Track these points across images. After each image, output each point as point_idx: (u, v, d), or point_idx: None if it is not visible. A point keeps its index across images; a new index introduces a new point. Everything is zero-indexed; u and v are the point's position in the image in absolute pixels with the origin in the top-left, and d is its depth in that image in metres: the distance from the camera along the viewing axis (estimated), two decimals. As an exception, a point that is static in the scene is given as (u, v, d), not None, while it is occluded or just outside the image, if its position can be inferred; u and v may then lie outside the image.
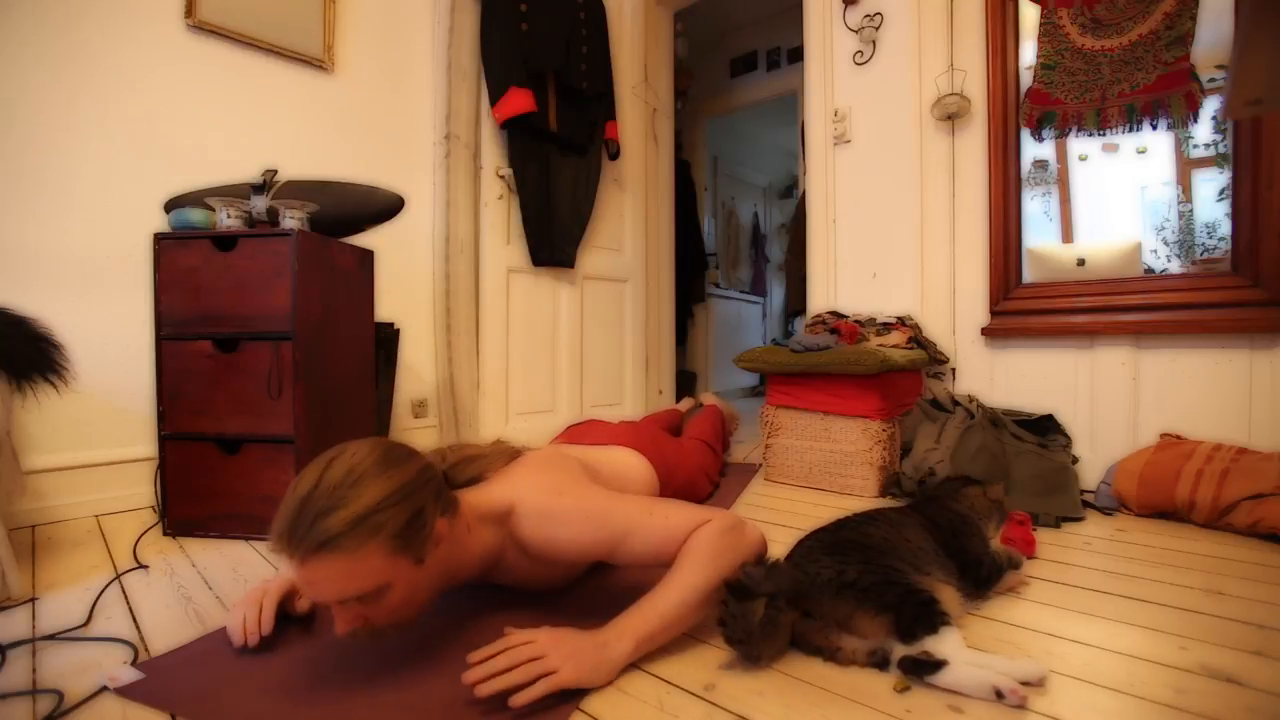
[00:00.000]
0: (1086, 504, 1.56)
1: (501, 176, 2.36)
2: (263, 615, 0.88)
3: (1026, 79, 1.87)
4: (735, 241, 5.54)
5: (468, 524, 0.88)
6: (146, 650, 0.88)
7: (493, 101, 2.28)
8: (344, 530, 0.70)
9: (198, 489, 1.40)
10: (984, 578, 1.01)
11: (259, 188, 1.48)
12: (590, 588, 1.07)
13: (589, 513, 0.90)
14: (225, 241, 1.39)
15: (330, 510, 0.70)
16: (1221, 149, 1.65)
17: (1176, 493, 1.43)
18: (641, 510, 0.90)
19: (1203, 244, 1.71)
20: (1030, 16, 1.86)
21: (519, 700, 0.69)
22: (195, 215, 1.42)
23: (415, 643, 0.88)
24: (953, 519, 1.06)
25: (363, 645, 0.85)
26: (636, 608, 0.82)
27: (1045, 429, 1.70)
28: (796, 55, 3.79)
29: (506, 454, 1.04)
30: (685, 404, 2.31)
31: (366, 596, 0.74)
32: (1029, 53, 1.87)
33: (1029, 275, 1.91)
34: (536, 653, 0.74)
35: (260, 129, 1.95)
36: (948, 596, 0.86)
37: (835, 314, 2.10)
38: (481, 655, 0.74)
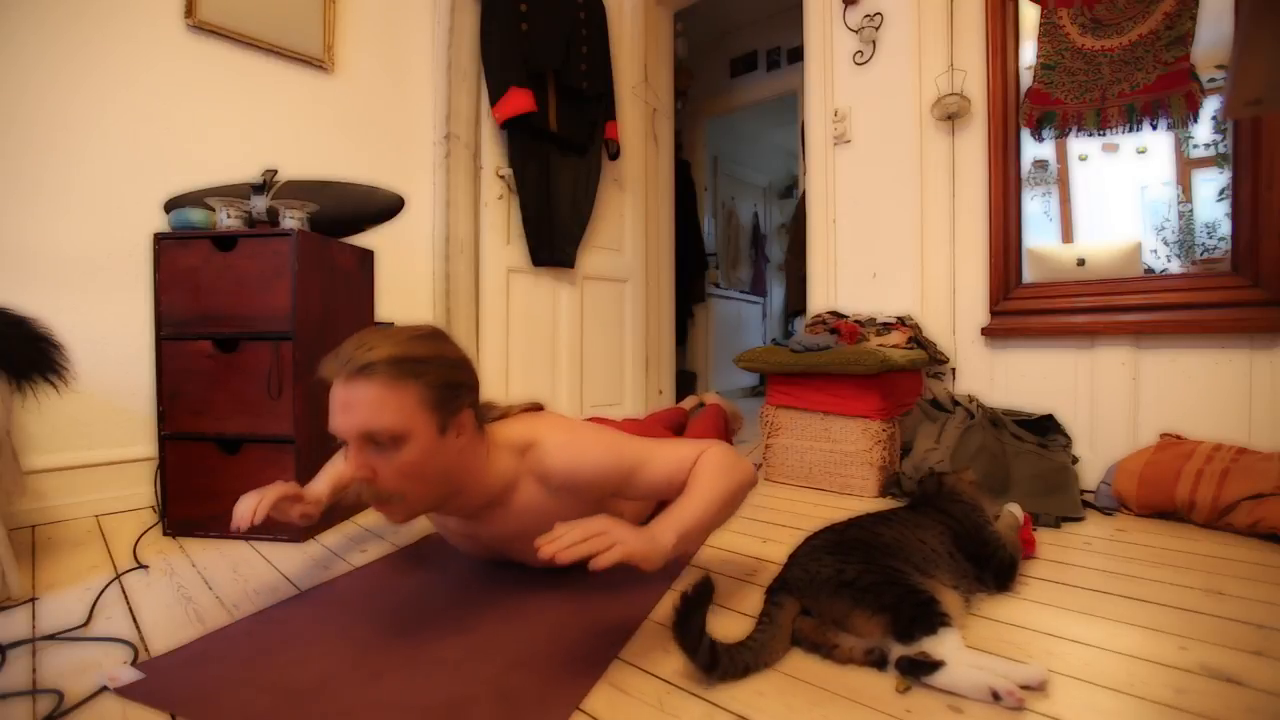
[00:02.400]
0: (1086, 504, 1.56)
1: (501, 176, 2.36)
2: (260, 505, 0.93)
3: (1026, 79, 1.87)
4: (735, 241, 5.54)
5: (487, 447, 0.95)
6: (146, 650, 0.88)
7: (493, 101, 2.28)
8: (390, 362, 0.80)
9: (198, 489, 1.40)
10: (1006, 566, 1.03)
11: (259, 188, 1.48)
12: (589, 579, 1.07)
13: (607, 443, 0.99)
14: (225, 241, 1.39)
15: (384, 345, 0.81)
16: (1221, 149, 1.65)
17: (1176, 493, 1.43)
18: (652, 444, 1.02)
19: (1203, 244, 1.70)
20: (1030, 16, 1.86)
21: (599, 563, 0.73)
22: (195, 215, 1.42)
23: (415, 640, 0.88)
24: (968, 512, 1.06)
25: (364, 501, 0.91)
26: (671, 510, 0.89)
27: (1045, 429, 1.70)
28: (796, 55, 3.78)
29: (529, 405, 1.12)
30: (689, 402, 2.31)
31: (384, 440, 0.81)
32: (1029, 53, 1.87)
33: (1029, 275, 1.91)
34: (603, 528, 0.77)
35: (260, 129, 1.95)
36: (950, 600, 0.86)
37: (835, 314, 2.10)
38: (551, 535, 0.76)
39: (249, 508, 0.92)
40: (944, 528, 1.02)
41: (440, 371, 0.84)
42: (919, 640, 0.75)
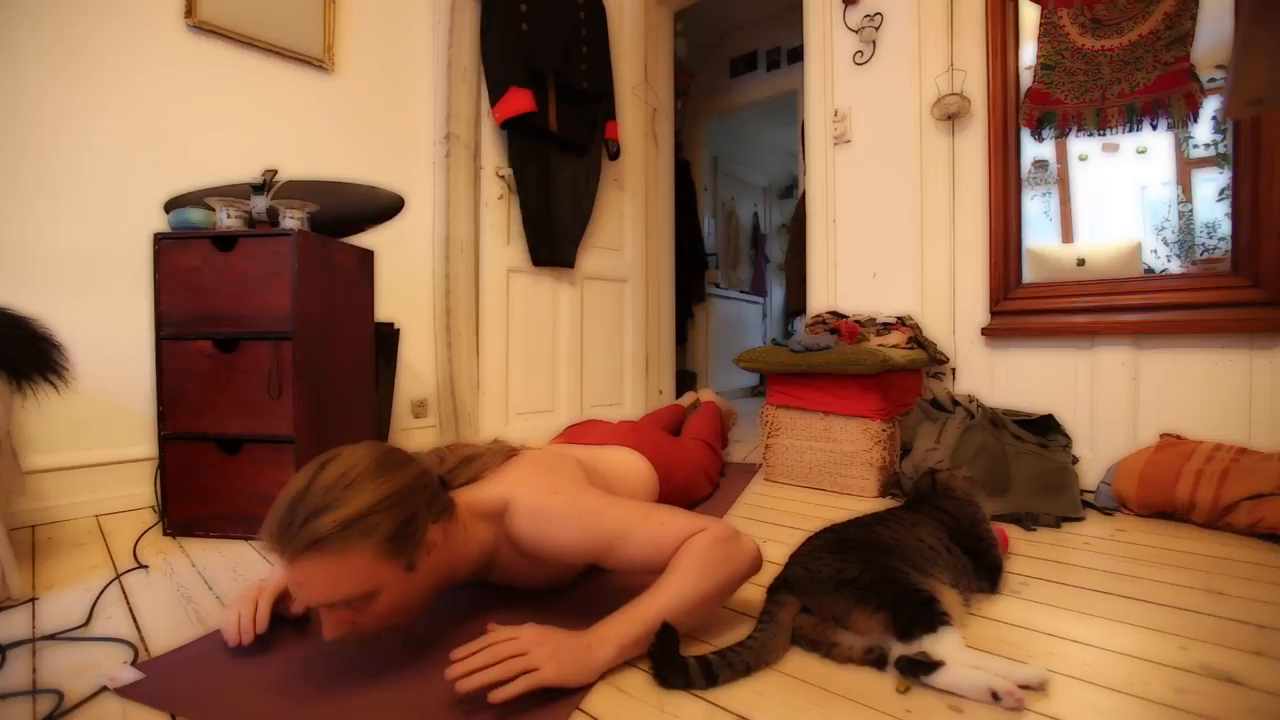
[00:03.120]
0: (1086, 504, 1.56)
1: (501, 176, 2.36)
2: (258, 614, 0.88)
3: (1026, 79, 1.87)
4: (735, 241, 5.54)
5: (465, 525, 0.88)
6: (146, 650, 0.88)
7: (493, 101, 2.28)
8: (334, 531, 0.70)
9: (198, 489, 1.40)
10: (997, 567, 1.05)
11: (259, 188, 1.48)
12: (585, 589, 1.07)
13: (583, 513, 0.89)
14: (225, 241, 1.39)
15: (322, 511, 0.70)
16: (1221, 149, 1.65)
17: (1176, 493, 1.43)
18: (637, 514, 0.90)
19: (1203, 244, 1.71)
20: (1030, 16, 1.86)
21: (498, 696, 0.68)
22: (195, 215, 1.42)
23: (414, 642, 0.88)
24: (963, 508, 1.07)
25: (352, 649, 0.84)
26: (623, 612, 0.81)
27: (1045, 429, 1.70)
28: (796, 55, 3.78)
29: (504, 452, 1.04)
30: (687, 399, 2.31)
31: (354, 601, 0.73)
32: (1029, 53, 1.87)
33: (1029, 275, 1.91)
34: (519, 649, 0.73)
35: (260, 129, 1.95)
36: (949, 598, 0.86)
37: (835, 314, 2.10)
38: (465, 651, 0.73)
39: (248, 617, 0.87)
40: (940, 525, 1.03)
41: (391, 516, 0.74)
42: (919, 638, 0.75)
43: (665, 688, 0.75)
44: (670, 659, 0.75)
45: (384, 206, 1.71)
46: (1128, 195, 1.83)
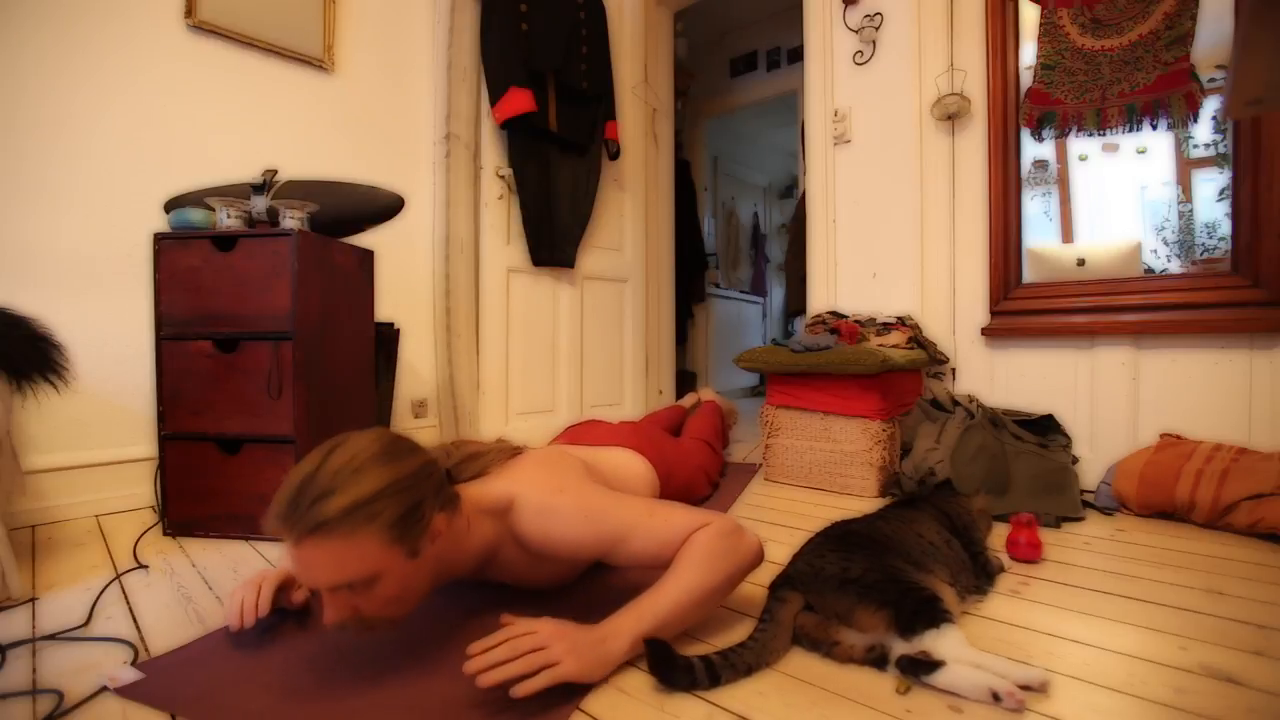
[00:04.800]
0: (1086, 504, 1.56)
1: (501, 176, 2.36)
2: (260, 598, 0.89)
3: (1026, 79, 1.87)
4: (735, 241, 5.54)
5: (468, 519, 0.88)
6: (146, 650, 0.88)
7: (493, 101, 2.27)
8: (340, 514, 0.70)
9: (198, 489, 1.40)
10: (990, 572, 1.06)
11: (259, 188, 1.48)
12: (589, 586, 1.07)
13: (588, 511, 0.90)
14: (225, 241, 1.39)
15: (328, 494, 0.71)
16: (1221, 149, 1.65)
17: (1176, 493, 1.43)
18: (641, 511, 0.91)
19: (1203, 244, 1.71)
20: (1030, 16, 1.86)
21: (521, 690, 0.69)
22: (195, 215, 1.42)
23: (415, 641, 0.88)
24: (962, 513, 1.09)
25: (352, 637, 0.84)
26: (633, 606, 0.82)
27: (1045, 429, 1.70)
28: (796, 55, 3.78)
29: (508, 451, 1.04)
30: (689, 400, 2.31)
31: (357, 585, 0.74)
32: (1029, 53, 1.87)
33: (1029, 275, 1.91)
34: (539, 643, 0.73)
35: (260, 129, 1.95)
36: (947, 597, 0.87)
37: (835, 314, 2.10)
38: (483, 645, 0.73)
39: (250, 604, 0.88)
40: (939, 523, 1.04)
41: (396, 502, 0.74)
42: (921, 634, 0.75)
43: (670, 689, 0.75)
44: (672, 662, 0.75)
45: (384, 206, 1.71)
46: (1128, 195, 1.83)
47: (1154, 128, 1.67)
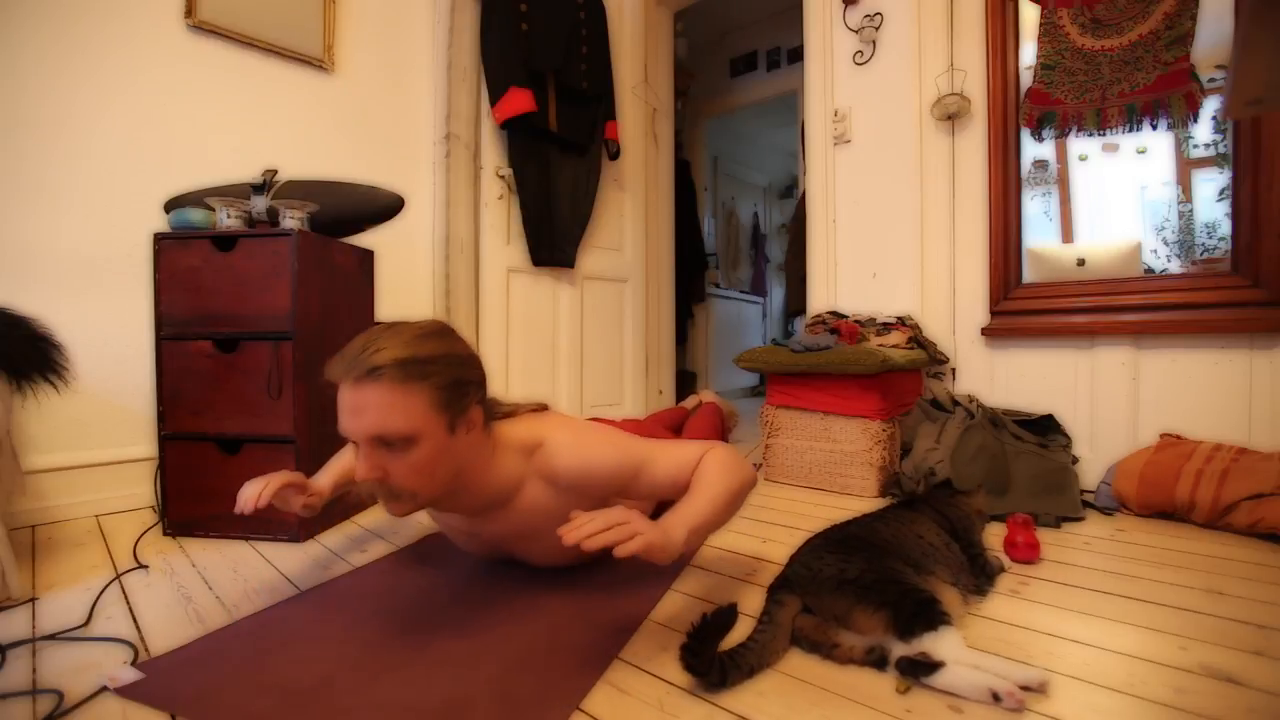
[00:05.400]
0: (1086, 504, 1.56)
1: (501, 176, 2.36)
2: (265, 490, 0.95)
3: (1026, 79, 1.87)
4: (735, 241, 5.54)
5: (494, 445, 0.95)
6: (146, 650, 0.88)
7: (492, 101, 2.28)
8: (398, 364, 0.79)
9: (198, 489, 1.40)
10: (990, 573, 1.06)
11: (259, 188, 1.48)
12: (592, 584, 1.07)
13: (613, 443, 1.01)
14: (225, 241, 1.39)
15: (391, 346, 0.80)
16: (1221, 149, 1.65)
17: (1176, 493, 1.43)
18: (656, 443, 1.05)
19: (1203, 244, 1.71)
20: (1030, 16, 1.86)
21: (623, 551, 0.73)
22: (195, 215, 1.42)
23: (415, 641, 0.88)
24: (960, 515, 1.09)
25: (376, 495, 0.89)
26: (679, 508, 0.90)
27: (1045, 429, 1.70)
28: (796, 55, 3.78)
29: (535, 405, 1.12)
30: (690, 401, 2.31)
31: (395, 442, 0.81)
32: (1029, 53, 1.87)
33: (1029, 275, 1.91)
34: (624, 517, 0.78)
35: (260, 129, 1.95)
36: (950, 598, 0.87)
37: (835, 314, 2.10)
38: (575, 523, 0.76)
39: (254, 492, 0.94)
40: (938, 525, 1.04)
41: (448, 370, 0.84)
42: (920, 636, 0.75)
43: (691, 672, 0.74)
44: (713, 642, 0.75)
45: (384, 206, 1.71)
46: (1128, 195, 1.83)
47: (1154, 128, 1.67)
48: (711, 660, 0.74)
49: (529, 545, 1.06)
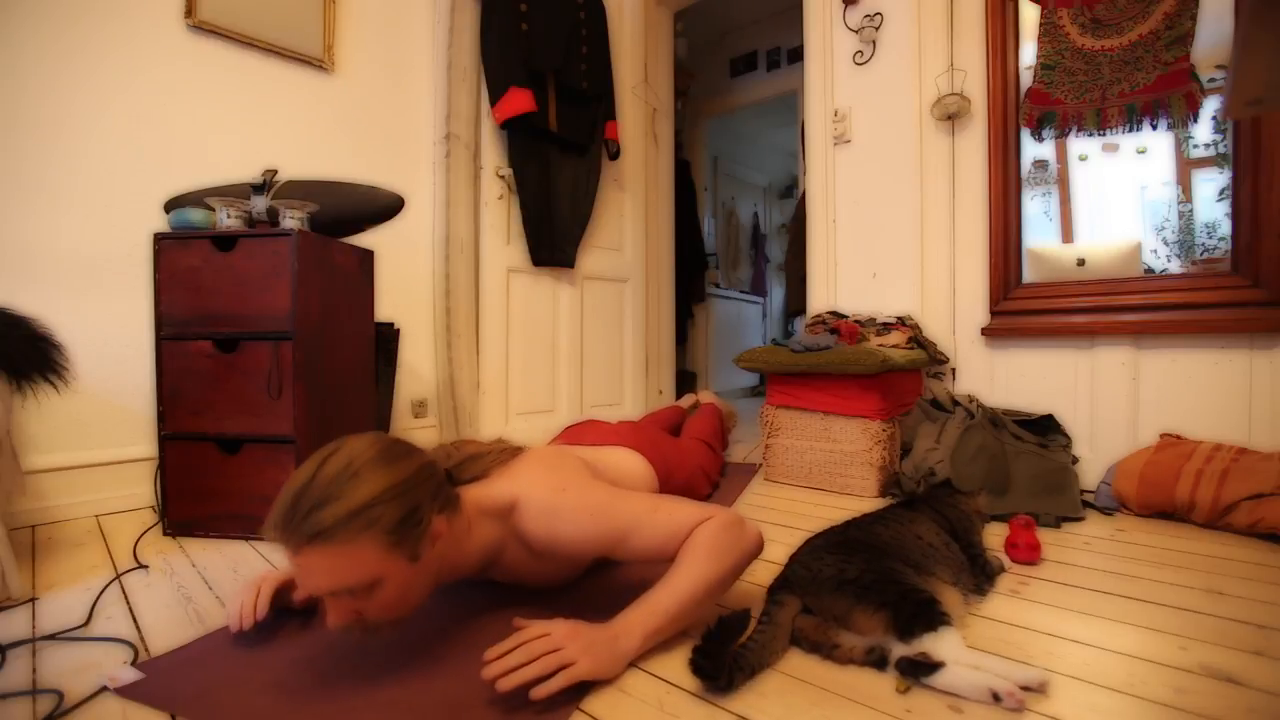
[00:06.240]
0: (1086, 504, 1.56)
1: (501, 176, 2.36)
2: (259, 600, 0.90)
3: (1026, 79, 1.87)
4: (735, 241, 5.54)
5: (469, 520, 0.88)
6: (146, 650, 0.88)
7: (492, 101, 2.27)
8: (338, 522, 0.70)
9: (198, 489, 1.40)
10: (990, 573, 1.06)
11: (259, 188, 1.48)
12: (593, 584, 1.07)
13: (592, 509, 0.90)
14: (225, 241, 1.39)
15: (326, 502, 0.70)
16: (1221, 149, 1.65)
17: (1176, 493, 1.43)
18: (644, 507, 0.91)
19: (1203, 244, 1.70)
20: (1030, 16, 1.86)
21: (540, 693, 0.69)
22: (195, 215, 1.42)
23: (416, 641, 0.88)
24: (960, 515, 1.08)
25: (355, 640, 0.85)
26: (642, 603, 0.83)
27: (1045, 429, 1.70)
28: (796, 55, 3.78)
29: (509, 451, 1.04)
30: (687, 400, 2.31)
31: (358, 590, 0.74)
32: (1029, 53, 1.87)
33: (1029, 275, 1.91)
34: (553, 645, 0.74)
35: (260, 129, 1.95)
36: (950, 599, 0.87)
37: (835, 314, 2.10)
38: (498, 651, 0.73)
39: (249, 606, 0.89)
40: (938, 525, 1.04)
41: (395, 507, 0.74)
42: (919, 637, 0.75)
43: (701, 676, 0.74)
44: (724, 648, 0.75)
45: (384, 206, 1.71)
46: (1128, 195, 1.83)
47: (1154, 128, 1.67)
48: (722, 665, 0.74)
49: (523, 584, 1.04)
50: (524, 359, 2.44)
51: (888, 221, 2.14)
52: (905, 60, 2.09)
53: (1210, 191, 1.68)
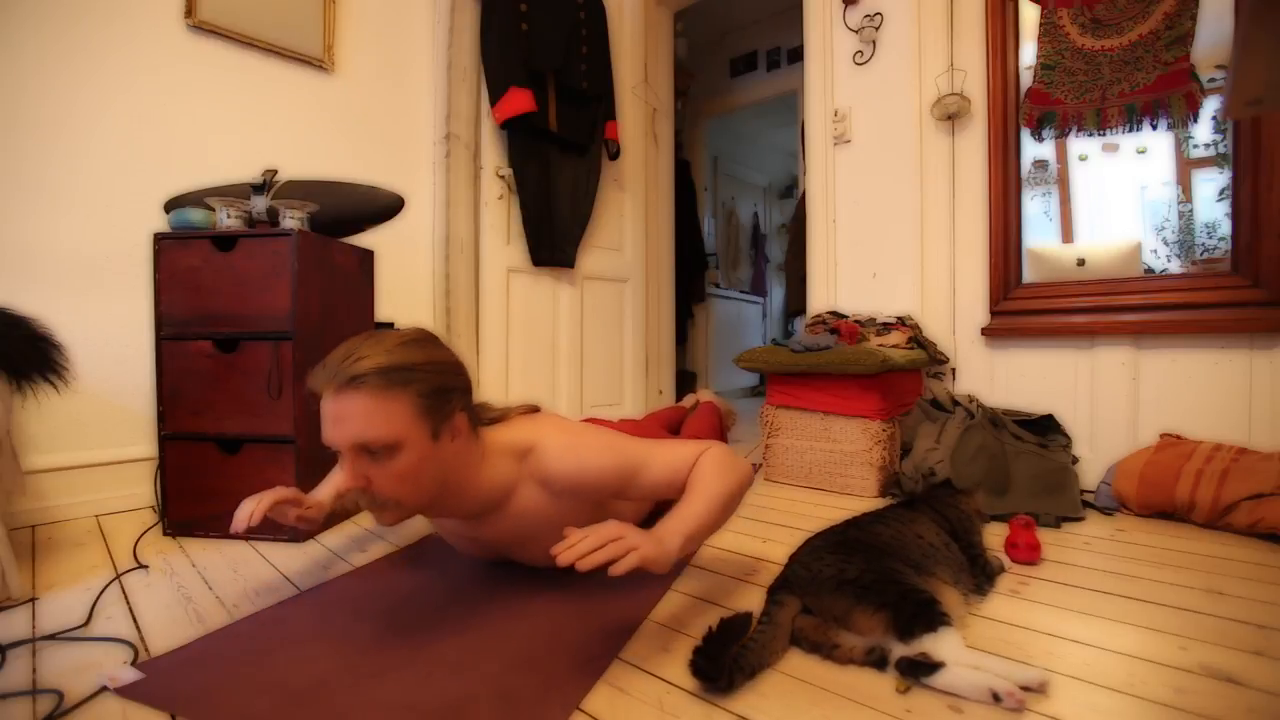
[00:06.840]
0: (1086, 504, 1.56)
1: (501, 176, 2.36)
2: (257, 507, 0.94)
3: (1026, 79, 1.87)
4: (735, 241, 5.54)
5: (484, 451, 0.95)
6: (146, 650, 0.88)
7: (492, 101, 2.28)
8: (381, 371, 0.79)
9: (198, 489, 1.40)
10: (990, 573, 1.06)
11: (259, 188, 1.48)
12: (592, 581, 1.07)
13: (608, 445, 1.00)
14: (225, 241, 1.39)
15: (372, 354, 0.80)
16: (1221, 149, 1.65)
17: (1176, 493, 1.43)
18: (652, 443, 1.03)
19: (1203, 244, 1.70)
20: (1030, 16, 1.86)
21: (618, 569, 0.74)
22: (195, 215, 1.42)
23: (415, 641, 0.88)
24: (960, 515, 1.08)
25: (364, 506, 0.88)
26: (674, 514, 0.89)
27: (1045, 429, 1.70)
28: (796, 55, 3.78)
29: (526, 408, 1.11)
30: (688, 400, 2.31)
31: (378, 450, 0.81)
32: (1029, 53, 1.87)
33: (1029, 275, 1.91)
34: (619, 532, 0.78)
35: (260, 129, 1.95)
36: (950, 599, 0.87)
37: (835, 314, 2.10)
38: (568, 542, 0.76)
39: (246, 511, 0.93)
40: (938, 525, 1.04)
41: (431, 377, 0.83)
42: (919, 637, 0.75)
43: (701, 678, 0.74)
44: (725, 649, 0.75)
45: (384, 206, 1.71)
46: (1128, 195, 1.83)
47: (1154, 128, 1.67)
48: (722, 666, 0.74)
49: (526, 548, 1.06)
50: (524, 359, 2.44)
51: (888, 221, 2.14)
52: (905, 60, 2.09)
53: (1210, 191, 1.68)
